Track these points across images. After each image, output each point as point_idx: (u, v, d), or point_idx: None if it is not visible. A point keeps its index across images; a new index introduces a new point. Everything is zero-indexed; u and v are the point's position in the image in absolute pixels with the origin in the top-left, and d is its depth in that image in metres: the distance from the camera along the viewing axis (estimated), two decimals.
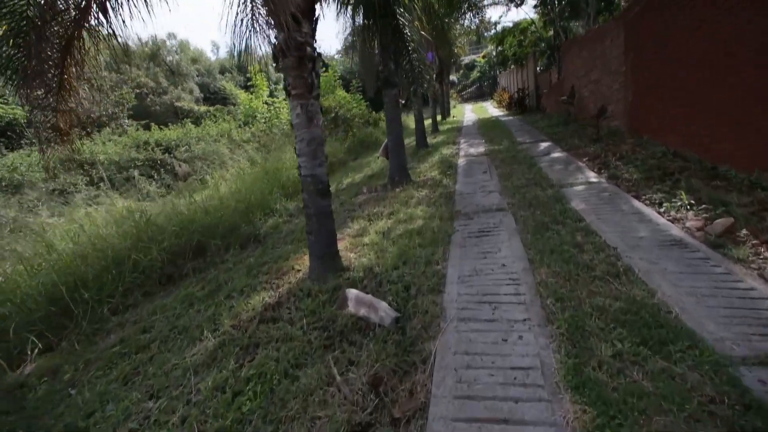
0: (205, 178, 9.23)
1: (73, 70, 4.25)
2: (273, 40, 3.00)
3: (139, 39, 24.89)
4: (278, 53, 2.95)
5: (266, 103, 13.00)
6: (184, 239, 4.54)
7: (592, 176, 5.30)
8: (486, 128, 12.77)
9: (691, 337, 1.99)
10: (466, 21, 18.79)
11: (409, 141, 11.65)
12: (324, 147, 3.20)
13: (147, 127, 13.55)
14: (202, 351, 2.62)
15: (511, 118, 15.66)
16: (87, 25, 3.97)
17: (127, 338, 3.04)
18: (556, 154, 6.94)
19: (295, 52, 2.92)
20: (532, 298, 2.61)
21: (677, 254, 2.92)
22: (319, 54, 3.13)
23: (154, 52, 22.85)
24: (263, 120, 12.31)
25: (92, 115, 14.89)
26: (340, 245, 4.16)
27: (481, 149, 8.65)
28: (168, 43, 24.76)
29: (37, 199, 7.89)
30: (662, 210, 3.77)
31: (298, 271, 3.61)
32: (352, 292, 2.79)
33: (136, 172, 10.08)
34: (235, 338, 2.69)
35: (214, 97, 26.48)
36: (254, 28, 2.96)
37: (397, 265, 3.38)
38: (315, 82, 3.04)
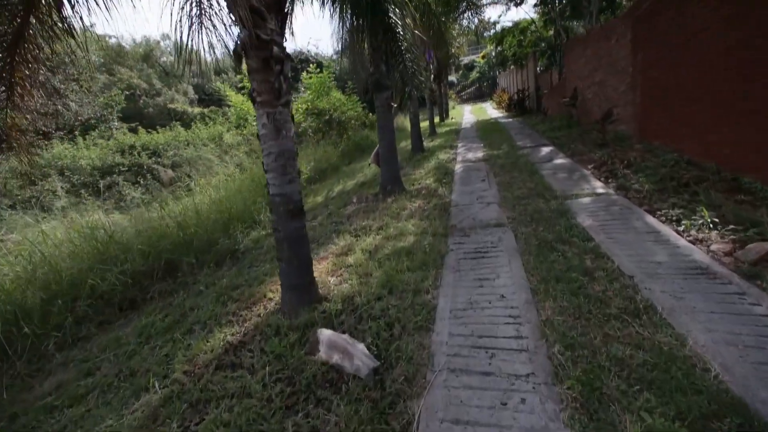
0: (190, 184, 8.82)
1: (26, 70, 3.84)
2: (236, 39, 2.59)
3: (133, 40, 24.54)
4: (239, 53, 2.54)
5: None
6: (151, 258, 4.12)
7: (599, 186, 4.89)
8: (485, 131, 12.36)
9: (741, 410, 1.57)
10: (465, 21, 18.45)
11: (405, 144, 11.26)
12: (296, 161, 2.78)
13: (135, 131, 13.15)
14: (144, 407, 2.20)
15: (510, 120, 15.25)
16: (38, 17, 3.56)
17: (66, 384, 2.62)
18: (559, 161, 6.53)
19: (259, 52, 2.51)
20: (537, 344, 2.19)
21: (705, 286, 2.50)
22: (289, 55, 2.72)
23: (147, 53, 22.46)
24: (255, 123, 11.95)
25: (80, 118, 14.49)
26: (321, 266, 3.76)
27: (480, 154, 8.24)
28: (162, 44, 24.38)
29: (10, 207, 7.47)
30: (681, 228, 3.36)
31: (271, 299, 3.20)
32: (325, 334, 2.37)
33: (119, 178, 9.67)
34: (185, 390, 2.27)
35: (209, 98, 26.08)
36: (203, 22, 2.54)
37: (381, 294, 2.97)
38: (284, 86, 2.63)
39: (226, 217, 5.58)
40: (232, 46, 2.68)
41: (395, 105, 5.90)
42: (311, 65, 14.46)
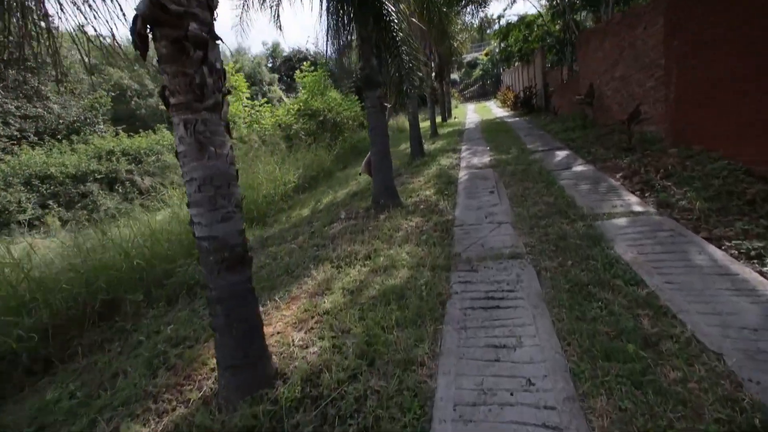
0: (165, 194, 8.03)
1: None
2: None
3: (128, 39, 23.86)
4: (143, 33, 1.72)
5: (245, 106, 11.82)
6: (83, 298, 3.33)
7: (634, 202, 4.03)
8: (490, 132, 11.48)
9: None
10: (468, 17, 17.58)
11: (405, 147, 10.42)
12: (234, 189, 1.96)
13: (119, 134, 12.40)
14: None
15: (517, 119, 14.35)
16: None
17: None
18: (579, 167, 5.66)
19: (167, 31, 1.69)
20: None
21: None
22: (218, 36, 1.90)
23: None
24: (244, 125, 11.17)
25: (62, 121, 13.78)
26: (289, 312, 2.95)
27: (486, 159, 7.38)
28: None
29: None
30: (766, 269, 2.50)
31: (212, 370, 2.39)
32: None
33: (94, 187, 8.92)
34: None
35: None
36: None
37: (359, 368, 2.14)
38: (208, 82, 1.81)
39: (190, 237, 4.78)
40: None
41: (389, 105, 5.07)
42: (305, 63, 13.66)
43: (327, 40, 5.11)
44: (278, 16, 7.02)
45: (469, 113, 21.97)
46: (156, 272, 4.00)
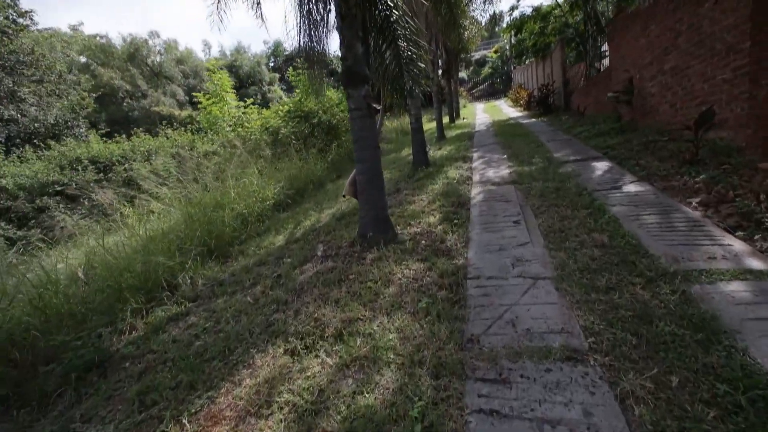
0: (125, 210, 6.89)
1: None
2: None
3: (124, 39, 23.02)
4: None
5: (233, 107, 10.68)
6: None
7: (742, 250, 2.70)
8: (505, 134, 10.13)
9: None
10: (478, 12, 16.23)
11: (407, 154, 9.15)
12: None
13: (110, 136, 11.35)
14: None
15: (533, 120, 12.95)
16: None
17: None
18: (632, 187, 4.32)
19: None
20: None
21: None
22: None
23: (132, 53, 20.86)
24: (229, 129, 10.02)
25: (36, 125, 12.79)
26: None
27: (504, 171, 6.07)
28: (150, 42, 22.73)
29: None
30: None
31: None
32: None
33: (51, 201, 7.83)
34: None
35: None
36: None
37: None
38: None
39: (115, 286, 3.60)
40: None
41: (379, 108, 3.81)
42: (299, 59, 12.45)
43: (298, 21, 3.88)
44: (258, 2, 5.81)
45: (479, 113, 20.58)
46: (42, 347, 2.82)
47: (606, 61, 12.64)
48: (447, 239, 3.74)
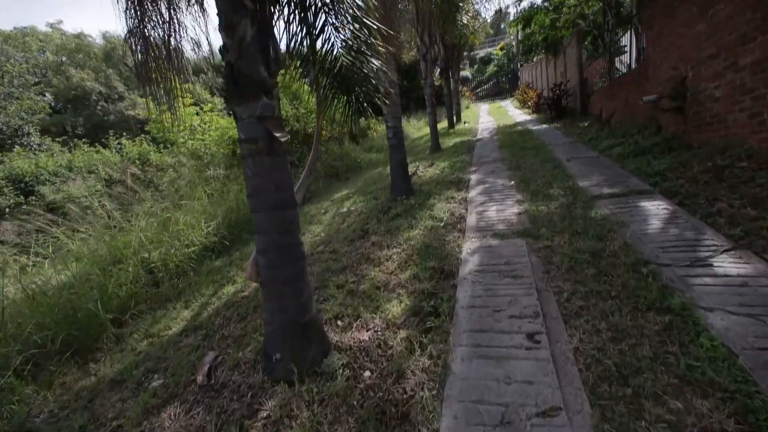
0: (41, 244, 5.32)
1: None
2: None
3: (103, 36, 21.61)
4: None
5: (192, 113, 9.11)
6: None
7: None
8: (513, 147, 8.38)
9: None
10: (481, 5, 14.49)
11: (383, 181, 7.46)
12: None
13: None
14: None
15: (545, 126, 11.18)
16: None
17: None
18: (730, 263, 2.59)
19: None
20: None
21: None
22: None
23: (108, 52, 19.44)
24: (183, 141, 8.46)
25: None
26: None
27: (512, 209, 4.37)
28: (130, 40, 21.24)
29: None
30: None
31: None
32: None
33: None
34: None
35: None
36: None
37: None
38: None
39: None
40: None
41: (285, 138, 2.13)
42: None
43: None
44: None
45: (483, 115, 18.82)
46: None
47: (625, 58, 10.87)
48: (408, 374, 2.07)
